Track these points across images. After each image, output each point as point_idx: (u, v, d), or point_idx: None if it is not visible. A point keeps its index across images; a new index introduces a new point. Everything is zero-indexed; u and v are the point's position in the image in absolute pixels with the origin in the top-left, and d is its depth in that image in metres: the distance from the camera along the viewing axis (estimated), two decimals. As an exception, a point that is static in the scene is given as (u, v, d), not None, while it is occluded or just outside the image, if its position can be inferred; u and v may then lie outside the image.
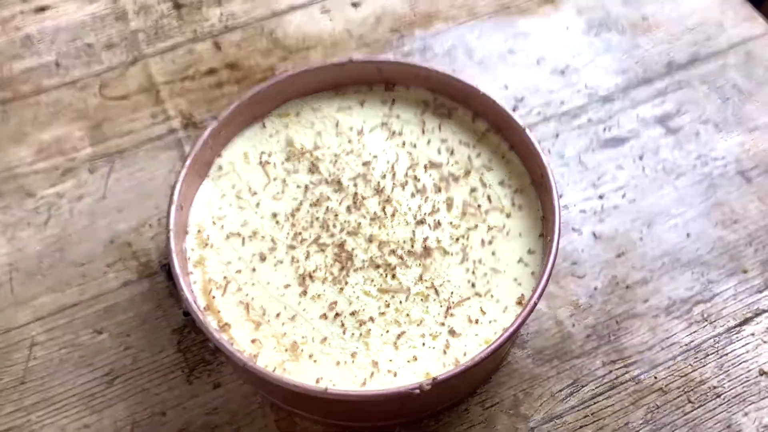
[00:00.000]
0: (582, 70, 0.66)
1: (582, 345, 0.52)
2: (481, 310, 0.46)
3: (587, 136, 0.62)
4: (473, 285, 0.47)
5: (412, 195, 0.51)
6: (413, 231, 0.49)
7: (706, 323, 0.53)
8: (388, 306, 0.46)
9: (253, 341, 0.45)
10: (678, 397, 0.50)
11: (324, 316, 0.46)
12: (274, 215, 0.50)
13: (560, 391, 0.50)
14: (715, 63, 0.67)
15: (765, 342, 0.52)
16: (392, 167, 0.52)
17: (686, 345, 0.52)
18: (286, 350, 0.45)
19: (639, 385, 0.50)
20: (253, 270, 0.48)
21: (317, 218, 0.50)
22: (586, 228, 0.57)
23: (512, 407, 0.49)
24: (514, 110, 0.53)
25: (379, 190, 0.51)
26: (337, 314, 0.46)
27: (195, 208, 0.51)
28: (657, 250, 0.56)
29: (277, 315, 0.46)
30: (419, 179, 0.51)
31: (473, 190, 0.51)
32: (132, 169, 0.61)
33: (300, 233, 0.49)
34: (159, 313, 0.53)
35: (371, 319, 0.46)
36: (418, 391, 0.41)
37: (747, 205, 0.58)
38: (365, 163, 0.52)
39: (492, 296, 0.47)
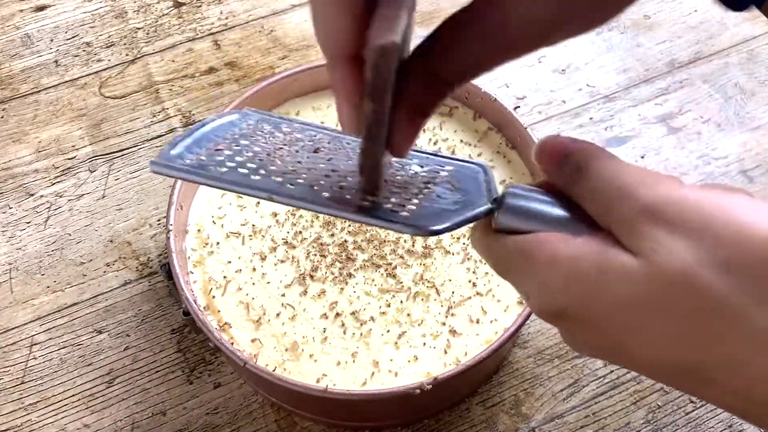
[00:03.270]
0: (583, 69, 0.66)
1: (583, 345, 0.52)
2: (482, 310, 0.46)
3: (589, 136, 0.62)
4: (474, 284, 0.47)
5: (413, 194, 0.50)
6: (414, 230, 0.49)
7: (707, 323, 0.53)
8: (388, 306, 0.46)
9: (253, 341, 0.45)
10: (679, 396, 0.49)
11: (324, 316, 0.46)
12: (275, 214, 0.50)
13: (561, 390, 0.50)
14: (717, 62, 0.66)
15: (767, 342, 0.52)
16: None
17: (688, 345, 0.52)
18: (287, 350, 0.45)
19: (640, 384, 0.50)
20: (254, 269, 0.48)
21: (317, 217, 0.49)
22: (587, 227, 0.57)
23: (513, 407, 0.49)
24: (515, 109, 0.53)
25: (379, 190, 0.51)
26: (337, 314, 0.46)
27: (195, 208, 0.51)
28: (658, 250, 0.56)
29: (278, 315, 0.46)
30: (420, 178, 0.51)
31: (474, 189, 0.51)
32: (132, 168, 0.61)
33: (300, 232, 0.49)
34: (159, 312, 0.53)
35: (372, 318, 0.46)
36: (418, 390, 0.40)
37: (749, 204, 0.58)
38: (366, 162, 0.52)
39: (493, 296, 0.46)
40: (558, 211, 0.26)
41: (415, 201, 0.28)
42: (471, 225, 0.28)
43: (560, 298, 0.25)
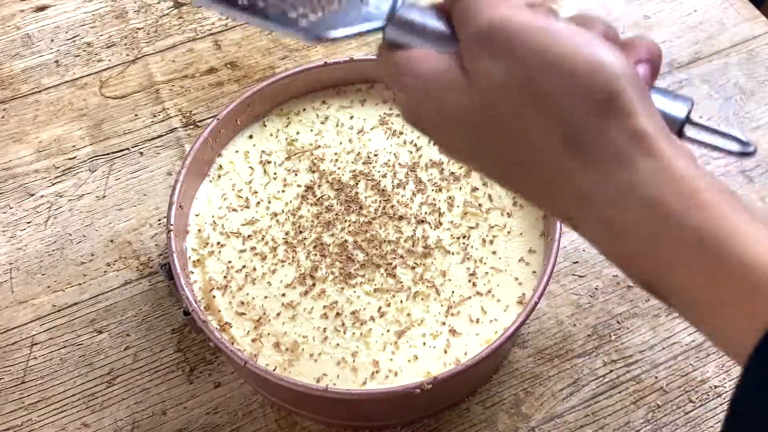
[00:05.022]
0: (583, 69, 0.66)
1: (583, 344, 0.52)
2: (482, 310, 0.46)
3: (588, 135, 0.62)
4: (474, 284, 0.47)
5: (413, 194, 0.51)
6: (414, 230, 0.49)
7: (707, 323, 0.53)
8: (388, 305, 0.46)
9: (253, 341, 0.45)
10: (679, 396, 0.50)
11: (324, 316, 0.46)
12: (275, 214, 0.50)
13: (561, 390, 0.50)
14: (717, 62, 0.67)
15: (766, 341, 0.52)
16: (393, 166, 0.52)
17: (687, 344, 0.52)
18: (287, 349, 0.45)
19: (640, 384, 0.50)
20: (254, 269, 0.48)
21: (318, 217, 0.50)
22: (587, 227, 0.57)
23: (513, 407, 0.49)
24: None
25: (379, 190, 0.51)
26: (337, 314, 0.46)
27: (195, 208, 0.51)
28: (658, 250, 0.56)
29: (278, 314, 0.46)
30: (420, 178, 0.51)
31: (474, 189, 0.51)
32: (132, 168, 0.61)
33: (301, 232, 0.49)
34: (159, 312, 0.53)
35: (372, 318, 0.46)
36: (418, 390, 0.40)
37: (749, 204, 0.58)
38: (366, 162, 0.52)
39: (493, 295, 0.47)
40: (439, 29, 0.29)
41: (320, 13, 0.30)
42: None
43: (416, 109, 0.29)
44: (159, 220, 0.58)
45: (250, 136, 0.54)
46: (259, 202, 0.51)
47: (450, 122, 0.28)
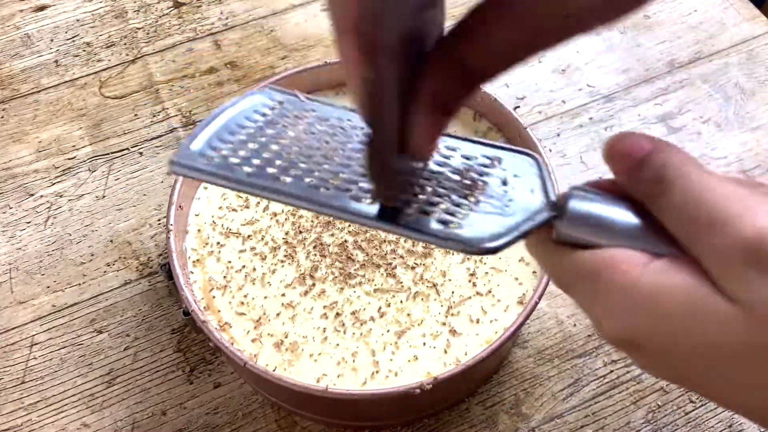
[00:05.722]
0: (583, 69, 0.66)
1: (583, 344, 0.52)
2: (482, 310, 0.46)
3: (588, 135, 0.62)
4: (474, 284, 0.47)
5: (413, 194, 0.50)
6: (414, 230, 0.49)
7: (707, 323, 0.53)
8: (388, 305, 0.46)
9: (253, 341, 0.45)
10: (679, 396, 0.50)
11: (324, 316, 0.46)
12: (275, 214, 0.50)
13: (561, 390, 0.50)
14: (717, 62, 0.67)
15: (766, 341, 0.52)
16: (393, 166, 0.52)
17: (688, 344, 0.52)
18: (287, 350, 0.45)
19: (640, 384, 0.50)
20: (254, 269, 0.48)
21: (317, 217, 0.50)
22: (587, 227, 0.57)
23: (513, 407, 0.49)
24: (515, 109, 0.53)
25: (379, 190, 0.51)
26: (337, 314, 0.46)
27: (195, 208, 0.51)
28: (658, 250, 0.56)
29: (278, 314, 0.46)
30: (420, 178, 0.51)
31: (474, 189, 0.51)
32: (132, 168, 0.61)
33: (301, 232, 0.49)
34: (159, 312, 0.53)
35: (372, 318, 0.46)
36: (418, 390, 0.40)
37: (748, 204, 0.58)
38: (366, 162, 0.52)
39: (493, 296, 0.47)
40: (630, 221, 0.23)
41: (465, 204, 0.25)
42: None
43: (636, 331, 0.22)
44: (159, 220, 0.58)
45: (250, 136, 0.54)
46: (258, 202, 0.51)
47: (696, 355, 0.22)
